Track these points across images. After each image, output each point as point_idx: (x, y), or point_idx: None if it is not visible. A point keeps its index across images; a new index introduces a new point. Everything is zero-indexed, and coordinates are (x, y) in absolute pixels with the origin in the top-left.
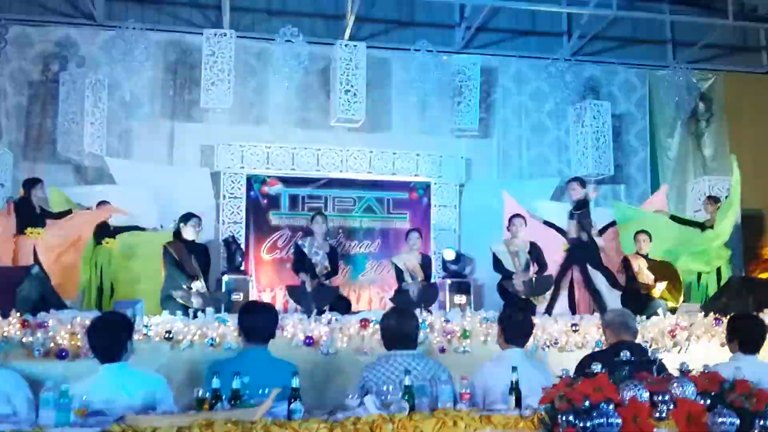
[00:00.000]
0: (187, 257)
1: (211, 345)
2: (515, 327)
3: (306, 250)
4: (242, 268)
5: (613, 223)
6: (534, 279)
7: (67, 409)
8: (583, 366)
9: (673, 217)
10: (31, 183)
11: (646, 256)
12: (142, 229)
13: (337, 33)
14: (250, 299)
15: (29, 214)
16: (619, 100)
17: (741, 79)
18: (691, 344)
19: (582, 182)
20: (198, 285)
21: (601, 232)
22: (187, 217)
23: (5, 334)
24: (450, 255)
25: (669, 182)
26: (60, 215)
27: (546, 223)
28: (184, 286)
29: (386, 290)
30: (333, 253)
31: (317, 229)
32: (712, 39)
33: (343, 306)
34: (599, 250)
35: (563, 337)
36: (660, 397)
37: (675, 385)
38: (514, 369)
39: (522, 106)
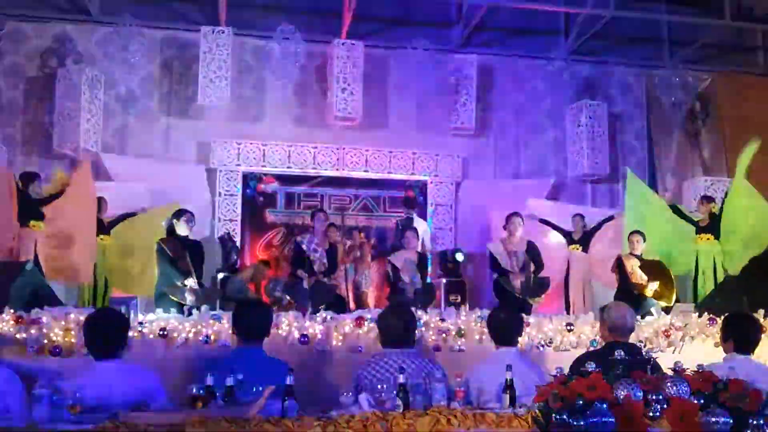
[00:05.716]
0: (181, 253)
1: (206, 342)
2: (502, 327)
3: (305, 248)
4: (237, 266)
5: (610, 218)
6: (531, 279)
7: (61, 405)
8: (578, 365)
9: (674, 208)
10: (29, 177)
11: (639, 256)
12: (133, 214)
13: (335, 31)
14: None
15: (28, 208)
16: (616, 100)
17: (737, 80)
18: (686, 344)
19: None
20: (191, 282)
21: (594, 231)
22: (179, 213)
23: None
24: (461, 257)
25: (667, 182)
26: (52, 198)
27: (543, 221)
28: (178, 283)
29: (381, 289)
30: (332, 250)
31: (318, 227)
32: (709, 39)
33: (339, 305)
34: None
35: (558, 336)
36: (654, 396)
37: (669, 384)
38: (508, 368)
39: (519, 106)
